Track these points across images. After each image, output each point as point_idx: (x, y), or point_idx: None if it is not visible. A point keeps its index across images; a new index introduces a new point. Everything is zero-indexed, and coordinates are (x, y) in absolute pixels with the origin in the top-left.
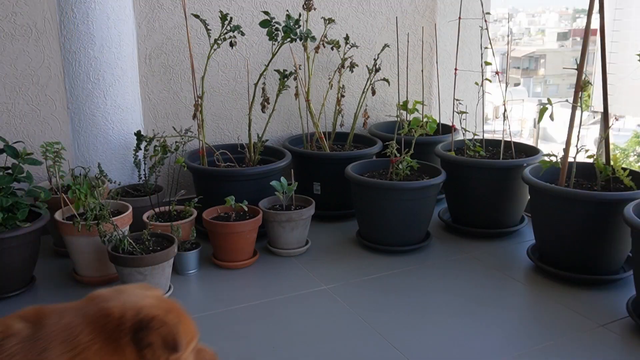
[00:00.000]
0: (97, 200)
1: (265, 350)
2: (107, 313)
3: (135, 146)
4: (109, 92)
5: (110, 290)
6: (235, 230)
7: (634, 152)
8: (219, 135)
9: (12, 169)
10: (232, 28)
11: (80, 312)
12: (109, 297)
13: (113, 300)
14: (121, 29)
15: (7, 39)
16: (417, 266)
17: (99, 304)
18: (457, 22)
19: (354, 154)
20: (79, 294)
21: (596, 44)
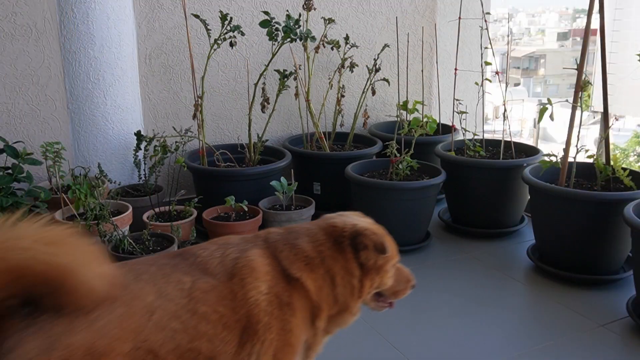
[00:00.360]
0: (97, 200)
1: None
2: (333, 224)
3: (135, 146)
4: (109, 92)
5: (335, 214)
6: (235, 231)
7: (634, 152)
8: (219, 135)
9: (12, 169)
10: (232, 28)
11: (314, 224)
12: (334, 217)
13: (337, 219)
14: (121, 29)
15: (7, 39)
16: (417, 266)
17: (327, 220)
18: (457, 22)
19: (354, 154)
20: None
21: (596, 44)
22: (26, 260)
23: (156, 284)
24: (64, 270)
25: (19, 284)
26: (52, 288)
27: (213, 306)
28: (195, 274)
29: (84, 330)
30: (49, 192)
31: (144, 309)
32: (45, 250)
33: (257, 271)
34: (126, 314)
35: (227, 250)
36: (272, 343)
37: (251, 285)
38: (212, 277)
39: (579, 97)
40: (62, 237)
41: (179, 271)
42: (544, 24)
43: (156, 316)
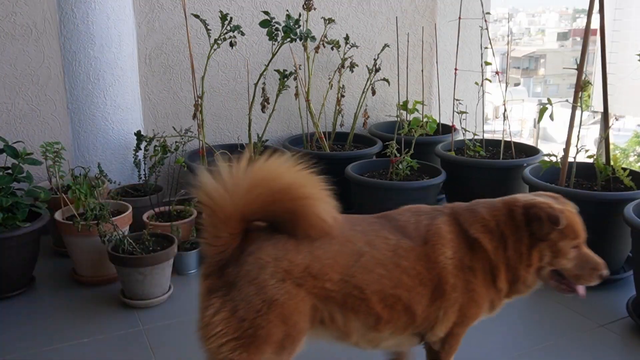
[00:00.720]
0: (97, 200)
1: None
2: (514, 198)
3: (135, 146)
4: (109, 92)
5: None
6: None
7: (634, 152)
8: (219, 135)
9: (12, 169)
10: (232, 28)
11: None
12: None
13: (521, 195)
14: (121, 29)
15: (7, 39)
16: None
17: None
18: (457, 22)
19: (354, 154)
20: (79, 294)
21: (596, 44)
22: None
23: (366, 235)
24: (308, 199)
25: (271, 208)
26: (292, 216)
27: (412, 264)
28: (398, 235)
29: (306, 253)
30: (48, 192)
31: (354, 252)
32: (299, 182)
33: (444, 238)
34: (339, 251)
35: (419, 217)
36: (457, 300)
37: (440, 251)
38: (410, 239)
39: (579, 97)
40: (310, 180)
41: (385, 230)
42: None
43: (363, 260)
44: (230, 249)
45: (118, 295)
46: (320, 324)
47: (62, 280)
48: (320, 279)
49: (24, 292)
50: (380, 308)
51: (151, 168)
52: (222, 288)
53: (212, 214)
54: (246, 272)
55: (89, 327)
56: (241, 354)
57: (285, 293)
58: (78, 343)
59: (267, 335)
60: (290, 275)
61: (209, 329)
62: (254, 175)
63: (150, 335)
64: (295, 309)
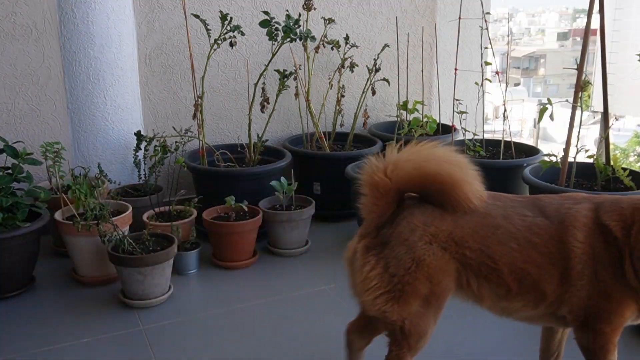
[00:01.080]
0: (97, 200)
1: (266, 349)
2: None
3: (135, 146)
4: (109, 92)
5: None
6: (235, 230)
7: (634, 152)
8: (219, 135)
9: (12, 169)
10: (232, 28)
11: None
12: None
13: None
14: (121, 29)
15: (7, 39)
16: None
17: None
18: (457, 22)
19: (354, 154)
20: (79, 294)
21: (596, 44)
22: (436, 170)
23: (505, 210)
24: (456, 182)
25: (425, 183)
26: (442, 191)
27: (544, 241)
28: (536, 213)
29: (450, 221)
30: (48, 192)
31: (491, 224)
32: (449, 166)
33: (578, 221)
34: (479, 222)
35: (564, 201)
36: (584, 288)
37: (571, 232)
38: (547, 218)
39: (579, 97)
40: (461, 161)
41: (525, 207)
42: (544, 24)
43: (499, 232)
44: (386, 214)
45: (118, 295)
46: (460, 287)
47: (62, 280)
48: (461, 246)
49: (24, 292)
50: (510, 280)
51: (151, 168)
52: (377, 247)
53: (373, 188)
54: (398, 234)
55: (89, 327)
56: (392, 306)
57: (431, 254)
58: (78, 343)
59: (414, 290)
60: (436, 239)
61: (365, 283)
62: (412, 157)
63: (150, 335)
64: (440, 269)
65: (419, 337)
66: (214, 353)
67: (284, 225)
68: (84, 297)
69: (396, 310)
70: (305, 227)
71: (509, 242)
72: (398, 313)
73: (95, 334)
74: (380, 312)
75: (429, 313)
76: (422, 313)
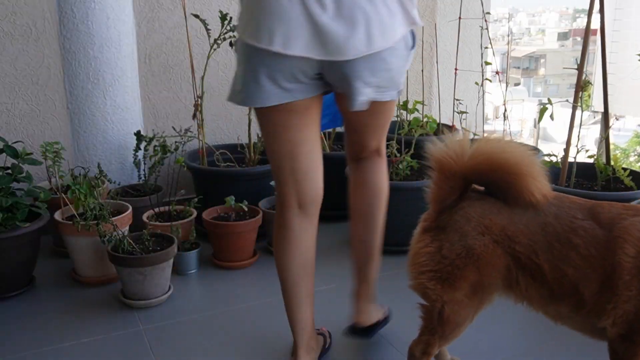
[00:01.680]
0: (97, 200)
1: (266, 350)
2: None
3: (135, 146)
4: (109, 92)
5: None
6: (235, 230)
7: (634, 152)
8: (219, 135)
9: (11, 169)
10: (232, 28)
11: None
12: None
13: None
14: (121, 29)
15: (7, 39)
16: None
17: None
18: (457, 22)
19: None
20: (79, 294)
21: (596, 43)
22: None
23: (559, 210)
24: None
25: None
26: (506, 186)
27: (586, 244)
28: (586, 216)
29: (505, 217)
30: (48, 192)
31: (541, 222)
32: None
33: (631, 235)
34: (531, 219)
35: (624, 212)
36: (630, 300)
37: (620, 245)
38: (597, 223)
39: (579, 97)
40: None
41: (578, 209)
42: (544, 24)
43: (547, 230)
44: (448, 200)
45: (118, 295)
46: (510, 286)
47: (62, 280)
48: (513, 241)
49: (24, 292)
50: (550, 279)
51: (151, 168)
52: (434, 230)
53: (439, 171)
54: (455, 221)
55: (89, 327)
56: (435, 285)
57: (482, 245)
58: (78, 343)
59: (461, 276)
60: (489, 232)
61: (416, 257)
62: (480, 146)
63: (150, 335)
64: (490, 262)
65: (455, 327)
66: (214, 353)
67: None
68: (84, 297)
69: (438, 290)
70: None
71: (552, 240)
72: (439, 294)
73: (95, 334)
74: (422, 287)
75: (471, 305)
76: (464, 303)
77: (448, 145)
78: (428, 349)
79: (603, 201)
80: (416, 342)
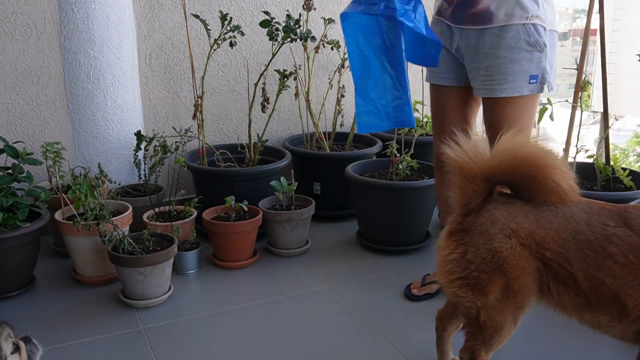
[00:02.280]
0: (97, 200)
1: (266, 350)
2: None
3: (135, 146)
4: (109, 92)
5: None
6: (235, 230)
7: (634, 152)
8: (219, 135)
9: (12, 169)
10: (232, 28)
11: None
12: None
13: None
14: (121, 29)
15: (7, 39)
16: (417, 266)
17: None
18: None
19: (354, 154)
20: (79, 294)
21: (596, 44)
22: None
23: (590, 217)
24: (543, 167)
25: (512, 173)
26: (531, 182)
27: (622, 252)
28: (618, 223)
29: (533, 221)
30: (49, 192)
31: (572, 229)
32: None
33: None
34: (562, 225)
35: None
36: None
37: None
38: (631, 230)
39: (579, 97)
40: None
41: (608, 216)
42: None
43: (579, 238)
44: (473, 203)
45: (118, 295)
46: (542, 292)
47: (62, 280)
48: (541, 246)
49: (24, 292)
50: (586, 288)
51: (151, 168)
52: (460, 233)
53: (460, 174)
54: (480, 224)
55: (89, 327)
56: (466, 292)
57: (509, 248)
58: (78, 343)
59: (489, 281)
60: (516, 235)
61: (443, 266)
62: (499, 144)
63: (150, 335)
64: (517, 265)
65: (494, 331)
66: (214, 353)
67: (283, 225)
68: (84, 297)
69: (470, 297)
70: (305, 227)
71: (585, 248)
72: (472, 301)
73: (95, 334)
74: (455, 296)
75: (507, 309)
76: (498, 307)
77: (466, 147)
78: (474, 356)
79: (628, 205)
80: (463, 349)
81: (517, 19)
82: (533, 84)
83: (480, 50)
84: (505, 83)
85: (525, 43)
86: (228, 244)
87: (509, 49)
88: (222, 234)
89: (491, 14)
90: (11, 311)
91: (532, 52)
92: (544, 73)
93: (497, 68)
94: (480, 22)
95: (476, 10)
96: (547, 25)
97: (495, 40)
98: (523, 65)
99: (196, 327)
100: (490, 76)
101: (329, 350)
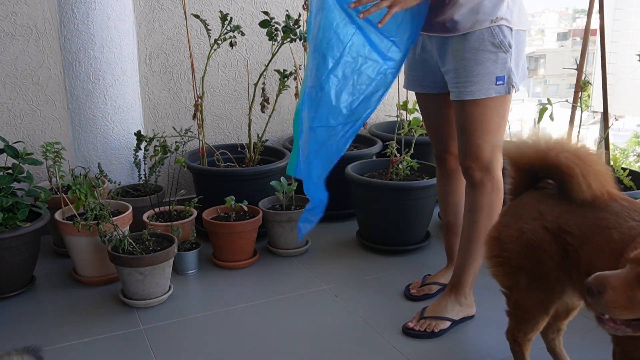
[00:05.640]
0: (97, 200)
1: (265, 350)
2: None
3: (135, 146)
4: (109, 92)
5: None
6: (235, 230)
7: (634, 152)
8: (219, 135)
9: (12, 169)
10: (232, 28)
11: None
12: None
13: None
14: (121, 29)
15: (7, 39)
16: (417, 266)
17: None
18: None
19: (353, 154)
20: (79, 294)
21: (596, 44)
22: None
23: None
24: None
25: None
26: (559, 181)
27: None
28: None
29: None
30: (49, 192)
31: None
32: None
33: None
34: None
35: None
36: None
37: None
38: None
39: (578, 97)
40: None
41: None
42: (543, 24)
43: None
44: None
45: (118, 295)
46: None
47: (62, 280)
48: (563, 230)
49: (24, 292)
50: None
51: (151, 168)
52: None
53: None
54: (514, 206)
55: (89, 327)
56: (498, 270)
57: (532, 229)
58: (78, 343)
59: (517, 262)
60: (542, 217)
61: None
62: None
63: (150, 335)
64: (539, 247)
65: (524, 313)
66: (214, 353)
67: (284, 225)
68: (84, 297)
69: (500, 275)
70: None
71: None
72: (502, 279)
73: (95, 334)
74: (492, 274)
75: (535, 294)
76: (527, 290)
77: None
78: (514, 336)
79: None
80: (506, 330)
81: (482, 24)
82: (500, 85)
83: (449, 54)
84: (471, 85)
85: (489, 44)
86: (228, 244)
87: (474, 51)
88: (222, 234)
89: (455, 23)
90: (11, 311)
91: (497, 53)
92: (510, 74)
93: (463, 70)
94: (445, 30)
95: (441, 19)
96: (513, 25)
97: (460, 43)
98: (488, 67)
99: (196, 327)
100: (458, 78)
101: (329, 350)
